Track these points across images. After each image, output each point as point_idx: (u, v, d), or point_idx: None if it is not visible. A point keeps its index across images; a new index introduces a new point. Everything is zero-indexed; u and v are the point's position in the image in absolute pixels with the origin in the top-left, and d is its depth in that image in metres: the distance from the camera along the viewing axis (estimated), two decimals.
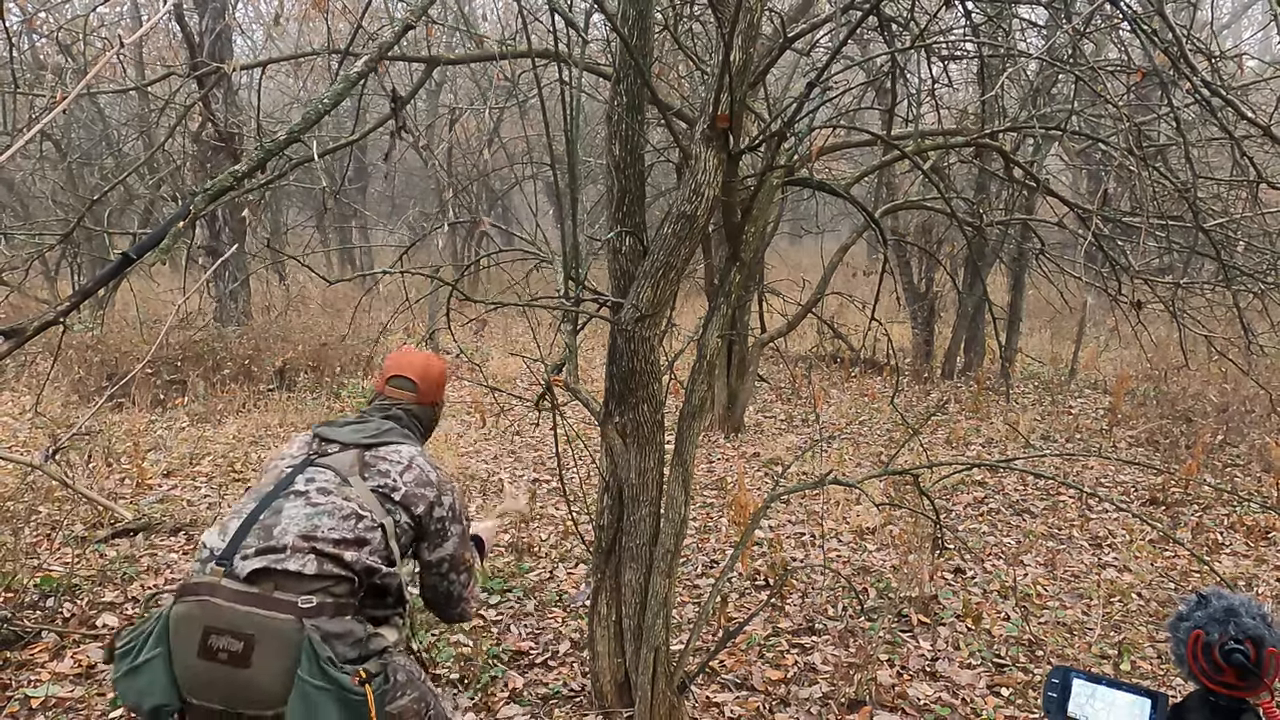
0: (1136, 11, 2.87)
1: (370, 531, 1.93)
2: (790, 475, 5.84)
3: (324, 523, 1.89)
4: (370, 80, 2.37)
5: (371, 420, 2.17)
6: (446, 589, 2.16)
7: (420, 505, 2.04)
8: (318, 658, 1.75)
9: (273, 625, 1.76)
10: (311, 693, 1.73)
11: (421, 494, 2.04)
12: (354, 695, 1.77)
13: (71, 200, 10.08)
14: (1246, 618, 1.52)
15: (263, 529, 1.88)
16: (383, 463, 2.04)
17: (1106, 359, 10.18)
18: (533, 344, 9.29)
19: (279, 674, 1.74)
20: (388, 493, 2.01)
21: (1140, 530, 4.99)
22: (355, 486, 1.98)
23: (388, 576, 1.95)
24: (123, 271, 1.77)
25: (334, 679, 1.75)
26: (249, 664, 1.74)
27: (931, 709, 3.20)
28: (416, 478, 2.05)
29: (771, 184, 2.76)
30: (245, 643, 1.74)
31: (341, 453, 2.05)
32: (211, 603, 1.78)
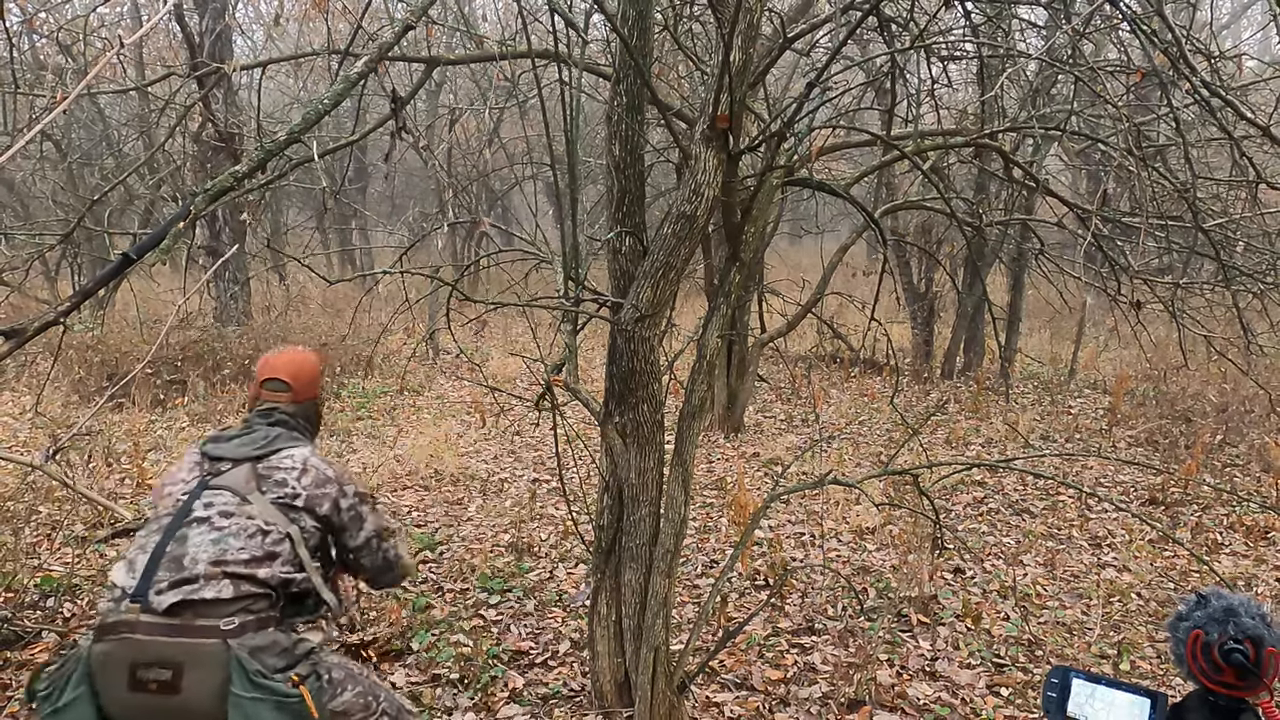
0: (1136, 12, 2.88)
1: (278, 544, 2.00)
2: (790, 475, 5.85)
3: (231, 545, 1.95)
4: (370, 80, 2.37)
5: (258, 429, 2.18)
6: (383, 559, 2.28)
7: (325, 505, 2.11)
8: (246, 673, 1.84)
9: (200, 651, 1.84)
10: (247, 704, 1.82)
11: (323, 494, 2.11)
12: (290, 698, 1.86)
13: (72, 200, 10.08)
14: (1246, 617, 1.52)
15: (172, 561, 1.92)
16: (277, 472, 2.08)
17: (1106, 359, 10.19)
18: (533, 344, 9.29)
19: (210, 694, 1.83)
20: (289, 502, 2.06)
21: (1140, 530, 5.00)
22: (255, 503, 2.02)
23: (303, 583, 2.02)
24: (123, 272, 1.77)
25: (267, 688, 1.84)
26: (179, 690, 1.83)
27: (931, 709, 3.20)
28: (314, 479, 2.11)
29: (771, 184, 2.77)
30: (174, 670, 1.82)
31: (234, 470, 2.07)
32: (133, 639, 1.84)
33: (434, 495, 5.53)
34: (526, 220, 17.12)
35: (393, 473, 5.90)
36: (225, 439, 2.16)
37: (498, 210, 16.20)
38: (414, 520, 5.06)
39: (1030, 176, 3.54)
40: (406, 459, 6.12)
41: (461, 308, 7.33)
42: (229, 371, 7.92)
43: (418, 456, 6.11)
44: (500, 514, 5.17)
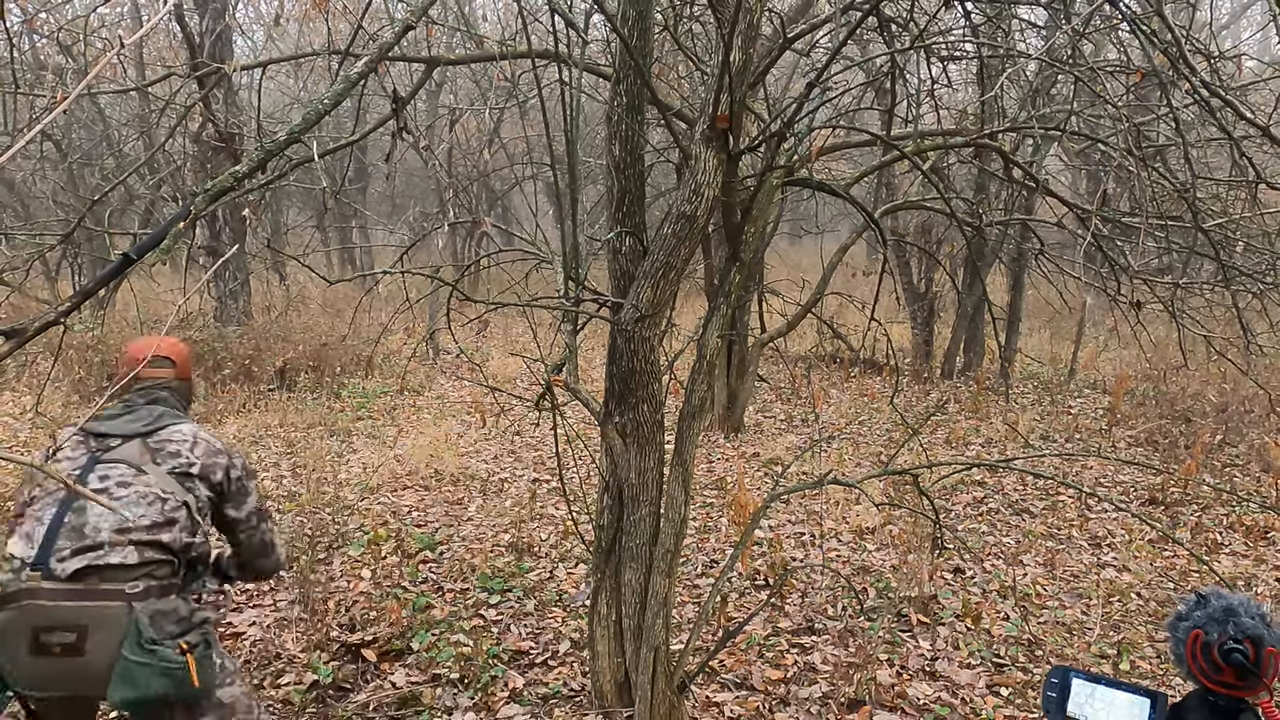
0: (1135, 12, 2.88)
1: (176, 511, 2.09)
2: (790, 475, 5.85)
3: (133, 513, 2.03)
4: (370, 81, 2.37)
5: (140, 408, 2.22)
6: (260, 539, 2.35)
7: (218, 473, 2.21)
8: (139, 636, 1.93)
9: (104, 614, 1.93)
10: (132, 668, 1.91)
11: (216, 463, 2.21)
12: (173, 665, 1.95)
13: (72, 200, 10.08)
14: (1245, 617, 1.52)
15: (72, 531, 1.99)
16: (169, 445, 2.17)
17: (1106, 359, 10.19)
18: (533, 344, 9.28)
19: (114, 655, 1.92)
20: (185, 470, 2.15)
21: (1139, 530, 5.00)
22: (152, 473, 2.10)
23: (201, 548, 2.14)
24: (123, 272, 1.77)
25: (153, 653, 1.94)
26: (84, 652, 1.91)
27: (931, 709, 3.20)
28: (206, 450, 2.21)
29: (771, 184, 2.77)
30: (79, 634, 1.91)
31: (125, 445, 2.13)
32: (33, 605, 1.91)
33: (434, 495, 5.53)
34: (527, 220, 17.12)
35: (393, 473, 5.91)
36: (107, 418, 2.20)
37: (498, 210, 16.20)
38: (414, 520, 5.06)
39: (1030, 176, 3.54)
40: (407, 459, 6.12)
41: (462, 308, 7.33)
42: (229, 371, 7.92)
43: (418, 456, 6.11)
44: (500, 514, 5.17)
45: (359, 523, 4.91)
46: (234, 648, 3.53)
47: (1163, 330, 7.65)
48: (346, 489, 5.53)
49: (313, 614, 3.68)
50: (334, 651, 3.50)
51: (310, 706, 3.16)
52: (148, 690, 1.94)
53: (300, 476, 5.74)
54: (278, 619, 3.75)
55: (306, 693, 3.20)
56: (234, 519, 2.30)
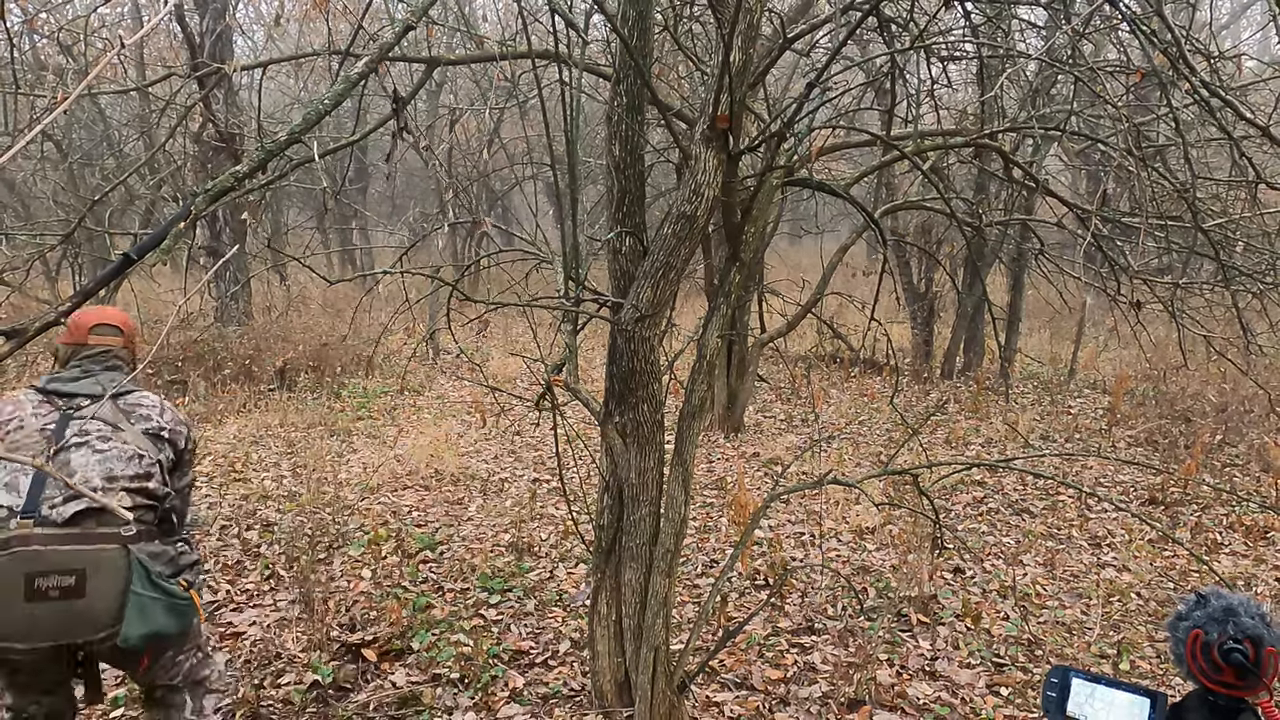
0: (1135, 12, 2.88)
1: (151, 468, 2.20)
2: (790, 475, 5.85)
3: (117, 465, 2.13)
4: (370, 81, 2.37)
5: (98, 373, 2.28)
6: (183, 508, 2.39)
7: (181, 440, 2.33)
8: (148, 574, 2.05)
9: (103, 556, 2.01)
10: (147, 603, 2.03)
11: (180, 430, 2.33)
12: (181, 600, 2.10)
13: (72, 201, 10.08)
14: (1245, 617, 1.52)
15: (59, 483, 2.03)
16: (140, 409, 2.27)
17: (1105, 359, 10.19)
18: (533, 344, 9.28)
19: (113, 597, 2.01)
20: (157, 432, 2.26)
21: (1139, 530, 5.00)
22: (128, 431, 2.20)
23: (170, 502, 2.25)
24: (124, 272, 1.77)
25: (163, 589, 2.07)
26: (84, 594, 1.98)
27: (931, 708, 3.20)
28: (173, 417, 2.32)
29: (771, 184, 2.77)
30: (77, 576, 1.97)
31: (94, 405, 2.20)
32: (28, 550, 1.96)
33: (434, 495, 5.53)
34: (527, 220, 17.12)
35: (393, 472, 5.91)
36: (69, 380, 2.25)
37: (498, 210, 16.20)
38: (414, 520, 5.06)
39: (1030, 177, 3.54)
40: (407, 459, 6.12)
41: (462, 308, 7.33)
42: (230, 371, 7.92)
43: (418, 456, 6.11)
44: (500, 514, 5.17)
45: (359, 522, 4.91)
46: (234, 647, 3.54)
47: (1163, 330, 7.65)
48: (347, 489, 5.54)
49: (313, 614, 3.68)
50: (334, 651, 3.50)
51: (310, 706, 3.16)
52: (160, 625, 2.05)
53: (300, 476, 5.74)
54: (278, 619, 3.75)
55: (307, 692, 3.20)
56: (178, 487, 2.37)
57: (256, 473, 5.84)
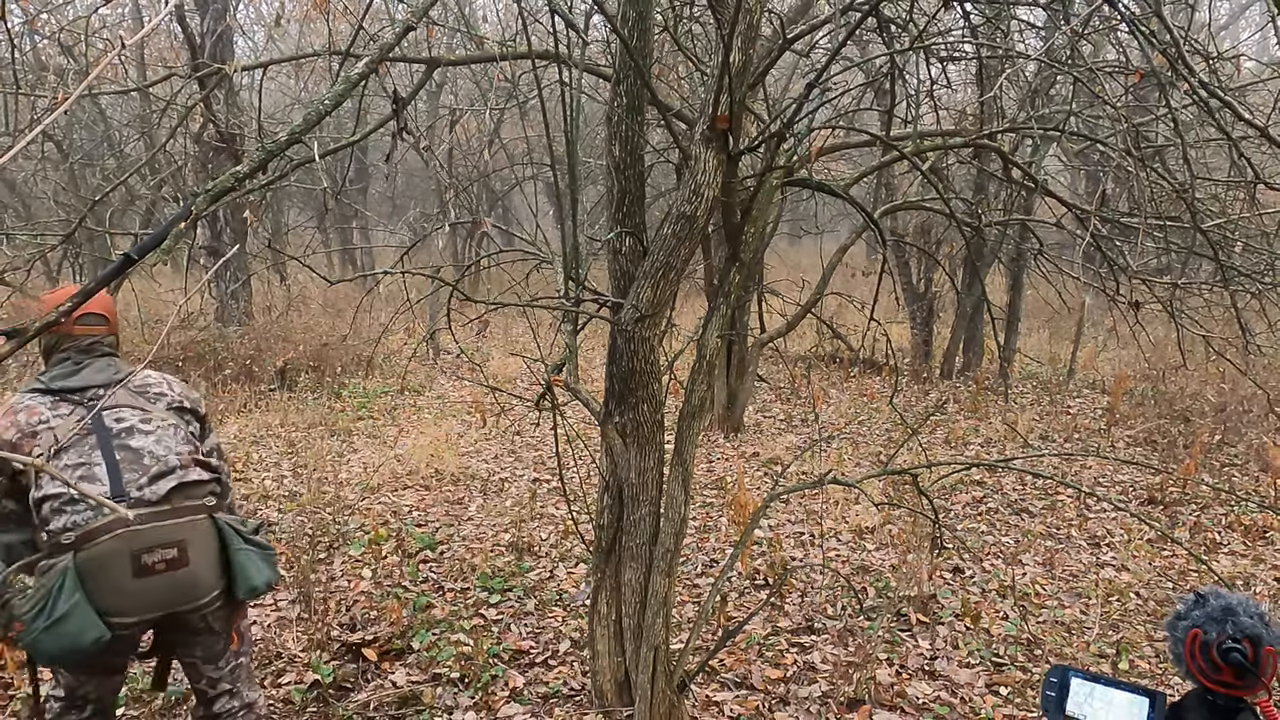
0: (1134, 13, 2.89)
1: (194, 439, 2.33)
2: (789, 475, 5.85)
3: (174, 443, 2.24)
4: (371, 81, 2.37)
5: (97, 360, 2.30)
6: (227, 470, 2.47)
7: (201, 407, 2.43)
8: (239, 534, 2.22)
9: (198, 526, 2.16)
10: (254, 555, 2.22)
11: (194, 397, 2.42)
12: (270, 551, 2.29)
13: (73, 201, 10.08)
14: (1244, 617, 1.52)
15: (133, 464, 2.16)
16: (151, 388, 2.33)
17: (1105, 359, 10.19)
18: (533, 344, 9.28)
19: (211, 561, 2.17)
20: (178, 405, 2.35)
21: (1138, 530, 5.00)
22: (154, 410, 2.28)
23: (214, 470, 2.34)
24: (124, 272, 1.77)
25: (256, 543, 2.25)
26: (188, 562, 2.12)
27: (930, 708, 3.21)
28: (182, 389, 2.40)
29: (771, 184, 2.77)
30: (178, 548, 2.11)
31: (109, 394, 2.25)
32: (129, 531, 2.07)
33: (434, 495, 5.54)
34: (527, 220, 17.12)
35: (393, 472, 5.91)
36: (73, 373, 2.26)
37: (498, 211, 16.20)
38: (414, 520, 5.06)
39: (1029, 177, 3.54)
40: (407, 459, 6.13)
41: (462, 308, 7.34)
42: (230, 371, 7.93)
43: (418, 456, 6.11)
44: (500, 513, 5.18)
45: (359, 522, 4.92)
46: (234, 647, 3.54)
47: (1161, 330, 7.65)
48: (347, 489, 5.54)
49: (313, 613, 3.69)
50: (334, 651, 3.51)
51: (311, 706, 3.16)
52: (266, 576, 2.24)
53: (301, 476, 5.75)
54: (278, 618, 3.76)
55: (307, 692, 3.21)
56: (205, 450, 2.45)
57: (257, 472, 5.84)
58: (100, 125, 11.14)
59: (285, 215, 15.86)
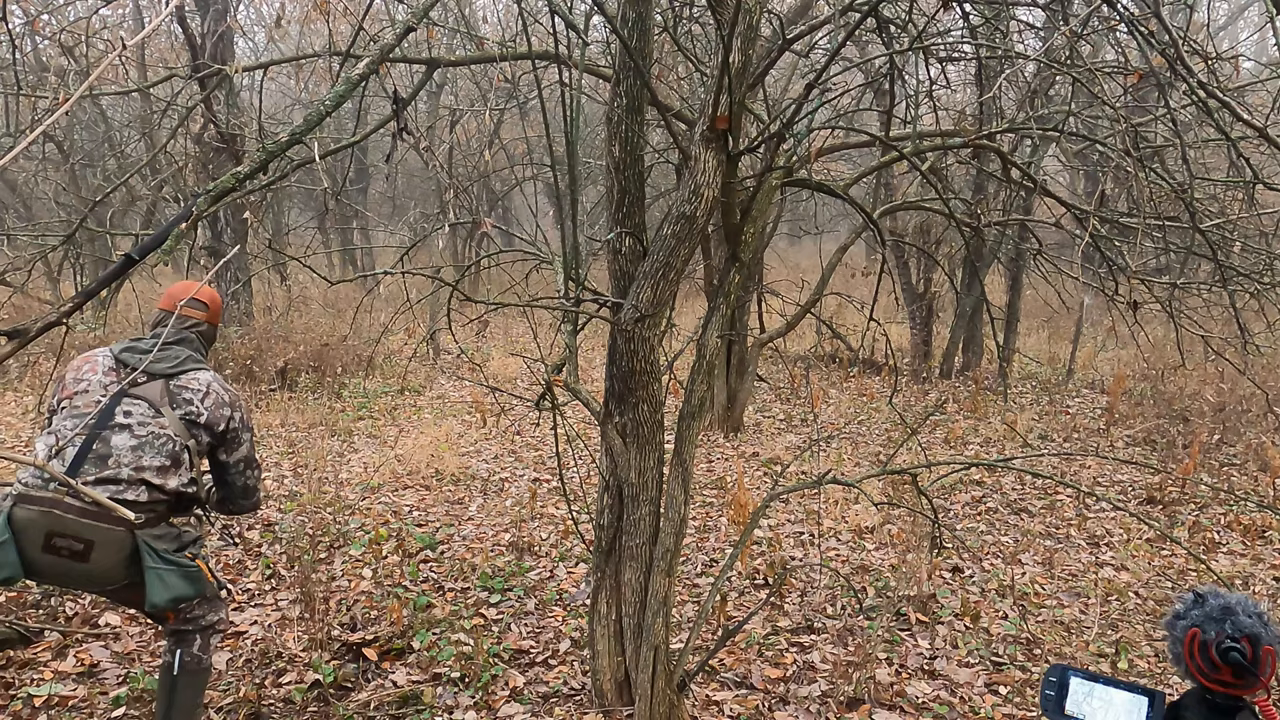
0: (1133, 13, 2.89)
1: (181, 453, 2.47)
2: (789, 474, 5.86)
3: (147, 454, 2.40)
4: (371, 82, 2.38)
5: (171, 347, 2.56)
6: (243, 483, 2.69)
7: (221, 424, 2.56)
8: (156, 552, 2.37)
9: (110, 535, 2.32)
10: (163, 572, 2.37)
11: (221, 414, 2.56)
12: (191, 568, 2.45)
13: (74, 201, 10.09)
14: (1243, 616, 1.52)
15: (97, 459, 2.37)
16: (185, 392, 2.51)
17: (1104, 359, 10.20)
18: (533, 344, 9.28)
19: (110, 565, 2.34)
20: (194, 419, 2.50)
21: (1137, 529, 5.01)
22: (167, 416, 2.46)
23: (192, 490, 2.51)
24: (125, 272, 1.78)
25: (173, 561, 2.40)
26: (88, 560, 2.31)
27: (930, 707, 3.21)
28: (215, 401, 2.55)
29: (770, 185, 2.78)
30: (86, 545, 2.30)
31: (149, 384, 2.48)
32: (54, 513, 2.28)
33: (435, 495, 5.54)
34: (527, 221, 17.13)
35: (394, 472, 5.92)
36: (141, 350, 2.53)
37: (498, 211, 16.21)
38: (415, 520, 5.07)
39: (1028, 177, 3.55)
40: (407, 459, 6.13)
41: (462, 308, 7.34)
42: (231, 371, 7.93)
43: (419, 456, 6.12)
44: (501, 513, 5.18)
45: (360, 522, 4.92)
46: (235, 646, 3.55)
47: (1160, 330, 7.66)
48: (347, 488, 5.55)
49: (314, 613, 3.69)
50: (335, 651, 3.51)
51: (311, 705, 3.17)
52: (180, 591, 2.40)
53: (301, 476, 5.75)
54: (279, 618, 3.76)
55: (308, 692, 3.21)
56: (225, 462, 2.63)
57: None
58: (101, 126, 11.14)
59: (286, 216, 15.86)
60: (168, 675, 2.64)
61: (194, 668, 2.65)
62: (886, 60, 3.11)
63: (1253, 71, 6.25)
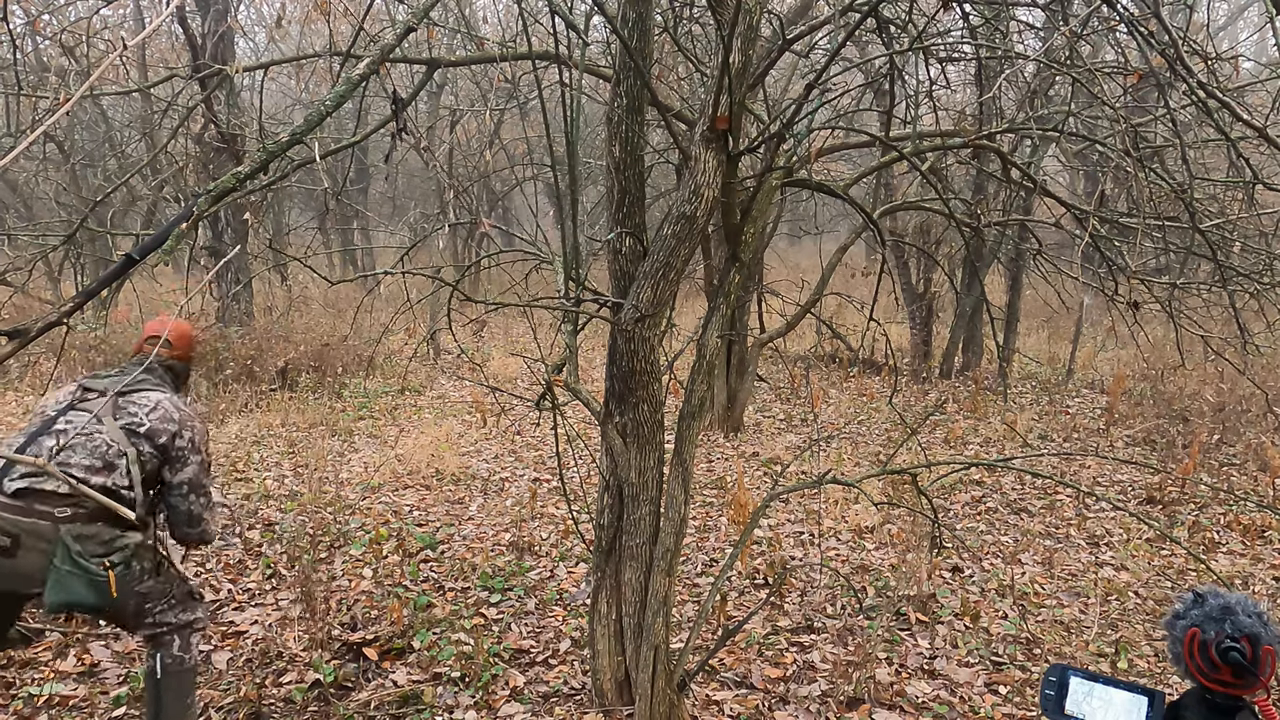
0: (1133, 14, 2.89)
1: (118, 458, 2.50)
2: (789, 474, 5.86)
3: (77, 454, 2.46)
4: (371, 82, 2.38)
5: (130, 373, 2.66)
6: (187, 508, 2.66)
7: (163, 436, 2.57)
8: (69, 552, 2.37)
9: (34, 528, 2.35)
10: (64, 576, 2.36)
11: (164, 428, 2.58)
12: (98, 576, 2.41)
13: (75, 201, 10.10)
14: (1243, 616, 1.52)
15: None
16: (132, 405, 2.58)
17: (1103, 359, 10.20)
18: (533, 344, 9.29)
19: (38, 563, 2.36)
20: (134, 428, 2.54)
21: (1137, 529, 5.01)
22: (106, 424, 2.53)
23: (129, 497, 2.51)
24: (126, 272, 1.78)
25: (81, 566, 2.38)
26: (15, 555, 2.34)
27: (930, 707, 3.22)
28: (161, 415, 2.59)
29: (770, 185, 2.78)
30: (13, 540, 2.34)
31: (99, 398, 2.59)
32: None
33: (435, 494, 5.55)
34: (527, 221, 17.13)
35: (394, 472, 5.92)
36: (102, 377, 2.68)
37: (498, 211, 16.21)
38: (415, 519, 5.07)
39: (1028, 177, 3.55)
40: (408, 458, 6.14)
41: (462, 308, 7.34)
42: (231, 371, 7.93)
43: (419, 456, 6.12)
44: (501, 513, 5.19)
45: (360, 522, 4.92)
46: (236, 646, 3.55)
47: (1160, 330, 7.66)
48: (348, 488, 5.55)
49: (314, 613, 3.70)
50: (335, 650, 3.52)
51: (312, 705, 3.17)
52: (76, 597, 2.39)
53: (302, 476, 5.76)
54: (279, 618, 3.76)
55: (308, 691, 3.22)
56: (169, 482, 2.63)
57: (258, 472, 5.85)
58: (102, 126, 11.15)
59: (286, 216, 15.87)
60: (151, 680, 2.65)
61: (176, 669, 2.65)
62: (886, 60, 3.12)
63: (1252, 72, 6.25)
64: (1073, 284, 6.81)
